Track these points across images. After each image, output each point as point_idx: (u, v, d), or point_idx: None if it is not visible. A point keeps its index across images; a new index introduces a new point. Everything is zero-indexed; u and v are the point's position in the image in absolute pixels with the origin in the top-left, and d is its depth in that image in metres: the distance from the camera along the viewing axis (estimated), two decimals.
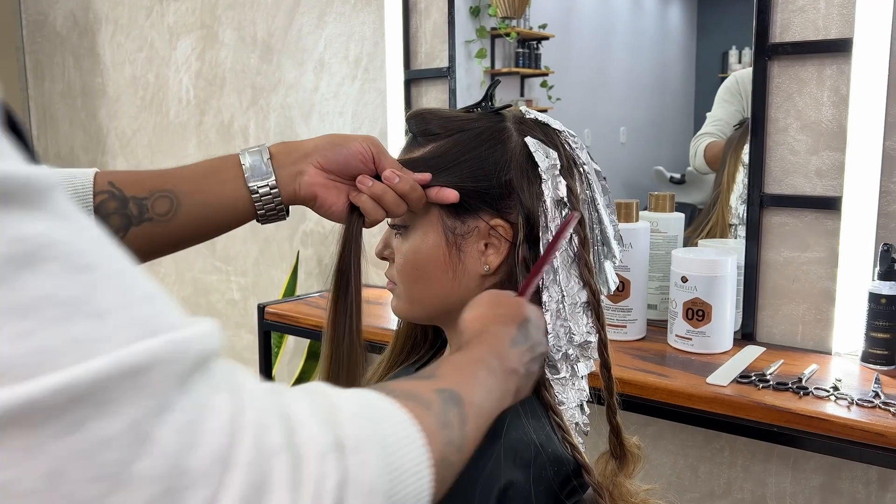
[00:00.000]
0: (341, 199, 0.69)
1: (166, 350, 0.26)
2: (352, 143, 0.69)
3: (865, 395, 0.99)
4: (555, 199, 0.69)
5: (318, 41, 1.86)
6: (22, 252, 0.24)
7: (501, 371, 0.54)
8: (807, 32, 1.18)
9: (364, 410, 0.36)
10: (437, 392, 0.45)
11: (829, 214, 1.19)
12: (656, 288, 1.35)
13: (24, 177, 0.25)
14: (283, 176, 0.68)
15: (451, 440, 0.42)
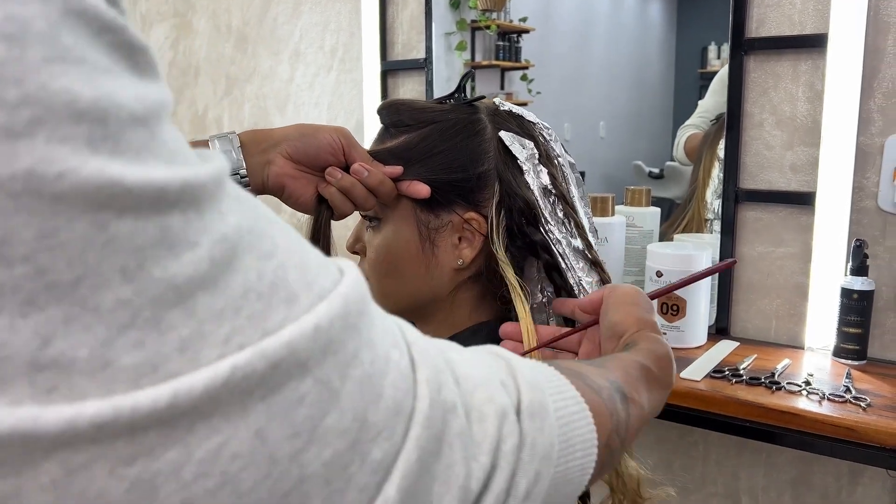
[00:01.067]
0: (310, 191, 0.68)
1: (336, 308, 0.27)
2: (322, 133, 0.68)
3: (837, 389, 1.00)
4: (541, 188, 0.68)
5: (294, 31, 1.83)
6: (225, 251, 0.24)
7: (658, 385, 0.53)
8: (782, 27, 1.18)
9: (540, 379, 0.37)
10: (609, 382, 0.45)
11: (804, 210, 1.20)
12: (632, 282, 1.34)
13: (212, 175, 0.25)
14: (252, 165, 0.67)
15: (616, 428, 0.43)
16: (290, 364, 0.25)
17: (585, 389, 0.40)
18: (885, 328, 1.15)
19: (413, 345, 0.31)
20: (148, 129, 0.23)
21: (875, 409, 0.94)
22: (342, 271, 0.30)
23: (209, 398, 0.23)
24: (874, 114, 1.13)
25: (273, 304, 0.25)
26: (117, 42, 0.23)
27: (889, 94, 1.11)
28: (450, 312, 0.72)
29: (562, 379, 0.39)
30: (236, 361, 0.23)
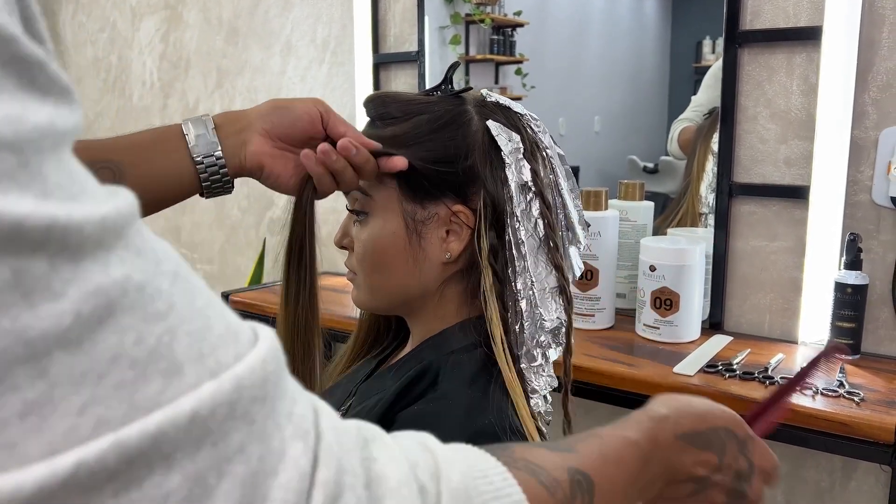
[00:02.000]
0: (289, 169, 0.66)
1: (225, 391, 0.23)
2: (297, 105, 0.66)
3: (830, 384, 0.99)
4: (519, 184, 0.67)
5: (286, 23, 1.81)
6: (97, 307, 0.21)
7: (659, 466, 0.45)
8: (777, 20, 1.17)
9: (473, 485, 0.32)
10: (570, 472, 0.39)
11: (798, 203, 1.19)
12: (625, 277, 1.34)
13: (101, 218, 0.22)
14: (228, 146, 0.64)
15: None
16: (153, 456, 0.21)
17: (538, 490, 0.35)
18: (878, 322, 1.15)
19: (324, 435, 0.27)
20: (17, 157, 0.20)
21: (868, 404, 0.94)
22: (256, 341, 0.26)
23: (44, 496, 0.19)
24: (868, 107, 1.12)
25: (148, 374, 0.22)
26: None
27: (883, 88, 1.11)
28: (438, 307, 0.71)
29: (507, 480, 0.34)
30: (84, 455, 0.20)
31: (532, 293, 0.67)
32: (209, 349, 0.24)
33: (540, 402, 0.69)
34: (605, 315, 1.26)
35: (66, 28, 2.37)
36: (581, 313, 1.25)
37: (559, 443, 0.43)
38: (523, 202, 0.67)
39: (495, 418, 0.63)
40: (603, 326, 1.27)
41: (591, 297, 1.25)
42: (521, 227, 0.67)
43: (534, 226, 0.68)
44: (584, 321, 1.25)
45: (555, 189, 0.71)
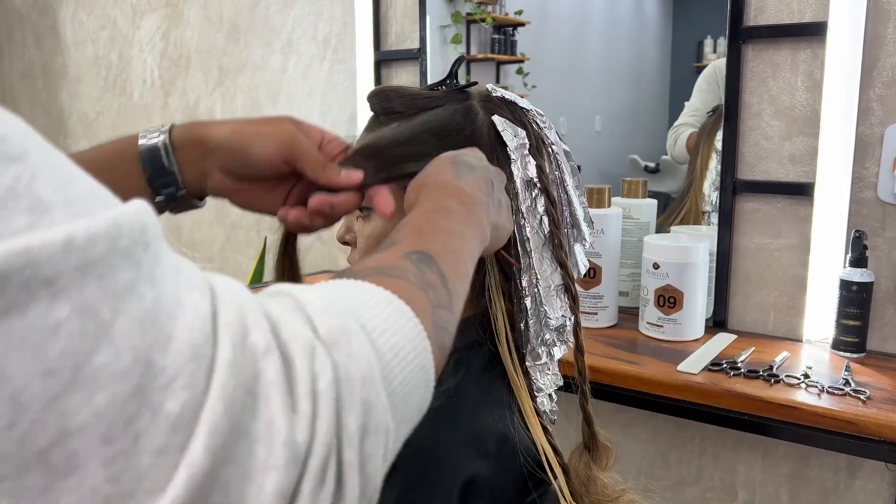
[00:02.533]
0: (259, 199, 0.58)
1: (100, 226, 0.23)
2: (255, 148, 0.55)
3: (836, 382, 0.99)
4: (525, 180, 0.67)
5: (286, 20, 1.81)
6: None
7: (460, 207, 0.49)
8: (781, 16, 1.17)
9: (334, 301, 0.33)
10: (406, 256, 0.41)
11: (802, 201, 1.18)
12: (628, 275, 1.33)
13: None
14: (187, 173, 0.56)
15: (438, 301, 0.39)
16: (30, 278, 0.20)
17: (391, 282, 0.36)
18: (884, 320, 1.14)
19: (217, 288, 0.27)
20: None
21: (874, 402, 0.93)
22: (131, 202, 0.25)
23: None
24: (874, 103, 1.11)
25: (10, 210, 0.21)
26: None
27: (889, 84, 1.10)
28: None
29: (362, 286, 0.35)
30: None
31: (537, 290, 0.67)
32: (77, 198, 0.23)
33: (545, 400, 0.69)
34: (608, 313, 1.26)
35: (67, 26, 2.37)
36: (584, 311, 1.24)
37: (381, 246, 0.44)
38: (529, 198, 0.67)
39: (499, 415, 0.63)
40: (606, 324, 1.26)
41: (595, 294, 1.24)
42: (526, 224, 0.66)
43: (539, 222, 0.67)
44: (587, 319, 1.24)
45: (560, 186, 0.71)
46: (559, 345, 0.69)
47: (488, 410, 0.63)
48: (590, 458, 0.69)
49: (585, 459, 0.69)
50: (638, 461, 1.38)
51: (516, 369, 0.66)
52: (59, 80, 2.43)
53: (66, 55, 2.39)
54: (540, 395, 0.68)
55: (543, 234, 0.67)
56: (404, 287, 0.37)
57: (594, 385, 0.71)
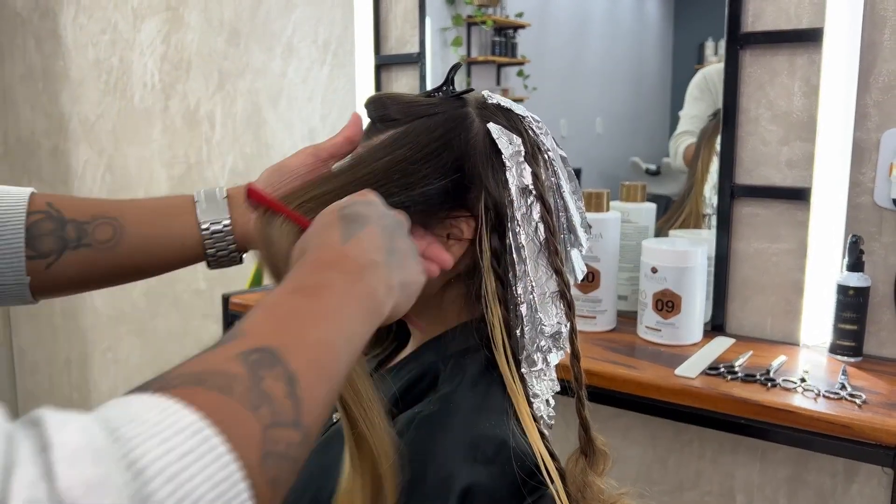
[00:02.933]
0: None
1: None
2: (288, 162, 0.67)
3: (832, 386, 0.99)
4: (520, 187, 0.67)
5: (287, 25, 1.81)
6: None
7: (342, 278, 0.42)
8: (779, 21, 1.17)
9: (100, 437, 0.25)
10: (242, 357, 0.33)
11: (799, 205, 1.19)
12: (626, 279, 1.33)
13: None
14: (238, 216, 0.64)
15: (276, 420, 0.31)
16: None
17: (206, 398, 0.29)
18: (880, 325, 1.14)
19: None
20: None
21: (871, 406, 0.93)
22: None
23: None
24: (870, 109, 1.12)
25: None
26: None
27: (885, 89, 1.11)
28: (439, 310, 0.70)
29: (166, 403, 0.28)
30: None
31: (532, 297, 0.67)
32: None
33: (542, 406, 0.69)
34: (606, 317, 1.26)
35: (67, 30, 2.38)
36: (582, 315, 1.25)
37: (227, 334, 0.37)
38: (524, 206, 0.67)
39: (496, 421, 0.63)
40: (604, 328, 1.26)
41: (593, 298, 1.25)
42: (521, 231, 0.67)
43: (534, 230, 0.68)
44: (585, 323, 1.25)
45: (556, 192, 0.71)
46: (555, 351, 0.70)
47: (485, 416, 0.63)
48: (586, 464, 0.70)
49: (582, 465, 0.70)
50: (636, 465, 1.38)
51: (513, 375, 0.66)
52: (59, 82, 2.44)
53: (67, 58, 2.40)
54: (536, 401, 0.68)
55: (539, 242, 0.68)
56: (223, 406, 0.30)
57: (592, 389, 0.71)
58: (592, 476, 0.69)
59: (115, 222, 0.63)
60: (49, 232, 0.63)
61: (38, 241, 0.63)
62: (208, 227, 0.64)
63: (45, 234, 0.63)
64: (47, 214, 0.63)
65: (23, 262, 0.63)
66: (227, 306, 1.56)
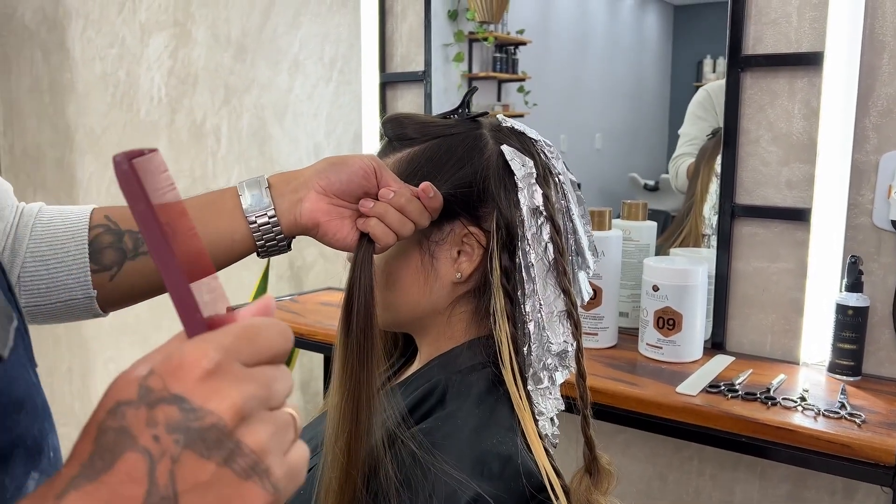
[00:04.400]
0: (346, 226, 0.66)
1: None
2: (352, 160, 0.67)
3: (832, 405, 1.00)
4: (531, 208, 0.69)
5: (293, 42, 1.84)
6: None
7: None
8: (779, 45, 1.19)
9: None
10: None
11: (799, 226, 1.20)
12: (628, 296, 1.35)
13: None
14: (282, 205, 0.66)
15: None
16: None
17: None
18: (879, 344, 1.16)
19: None
20: None
21: (870, 426, 0.94)
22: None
23: None
24: (869, 131, 1.14)
25: None
26: None
27: (884, 113, 1.13)
28: (447, 326, 0.72)
29: None
30: None
31: (540, 316, 0.69)
32: None
33: (547, 424, 0.70)
34: (608, 334, 1.27)
35: (76, 43, 2.40)
36: (584, 332, 1.26)
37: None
38: (534, 226, 0.69)
39: (503, 437, 0.64)
40: (606, 345, 1.28)
41: (595, 315, 1.26)
42: (531, 251, 0.68)
43: (544, 249, 0.69)
44: (587, 339, 1.26)
45: (566, 214, 0.73)
46: (561, 370, 0.71)
47: (492, 432, 0.65)
48: (590, 482, 0.71)
49: (586, 483, 0.71)
50: (636, 481, 1.39)
51: (520, 392, 0.67)
52: (66, 95, 2.46)
53: (74, 71, 2.42)
54: (541, 419, 0.69)
55: (548, 261, 0.69)
56: None
57: (594, 406, 0.72)
58: (597, 495, 0.70)
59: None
60: (109, 244, 0.65)
61: (100, 255, 0.65)
62: (255, 221, 0.65)
63: (106, 246, 0.65)
64: (106, 228, 0.66)
65: (89, 277, 0.65)
66: None
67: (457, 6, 1.63)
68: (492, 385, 0.68)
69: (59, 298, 0.65)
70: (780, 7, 1.19)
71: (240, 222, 0.65)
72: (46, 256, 0.65)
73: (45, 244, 0.65)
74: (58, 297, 0.65)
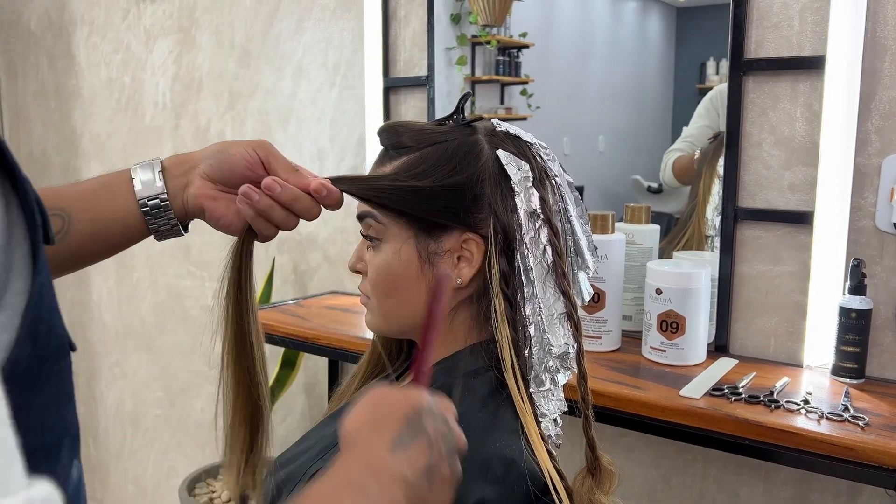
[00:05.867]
0: (230, 211, 0.67)
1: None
2: (235, 149, 0.67)
3: (835, 408, 1.00)
4: (528, 212, 0.69)
5: (297, 47, 1.85)
6: None
7: (377, 486, 0.45)
8: (781, 49, 1.20)
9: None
10: None
11: (802, 229, 1.21)
12: (631, 299, 1.35)
13: None
14: (172, 188, 0.66)
15: None
16: None
17: None
18: (882, 347, 1.16)
19: None
20: None
21: (873, 429, 0.95)
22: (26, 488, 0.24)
23: None
24: (871, 135, 1.14)
25: None
26: None
27: (886, 116, 1.13)
28: (450, 331, 0.72)
29: None
30: None
31: (540, 319, 0.69)
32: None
33: (550, 425, 0.71)
34: (611, 337, 1.28)
35: (81, 49, 2.42)
36: (588, 335, 1.26)
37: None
38: (532, 229, 0.69)
39: (506, 440, 0.65)
40: (609, 348, 1.28)
41: (598, 319, 1.26)
42: (529, 255, 0.69)
43: (542, 252, 0.70)
44: (590, 343, 1.26)
45: (563, 216, 0.73)
46: (563, 371, 0.72)
47: (495, 436, 0.65)
48: (593, 483, 0.71)
49: (589, 483, 0.71)
50: (640, 484, 1.39)
51: (522, 395, 0.68)
52: (71, 100, 2.48)
53: (80, 77, 2.43)
54: (544, 420, 0.70)
55: (546, 264, 0.70)
56: None
57: (598, 409, 0.73)
58: (599, 495, 0.71)
59: (63, 213, 0.64)
60: None
61: None
62: (146, 205, 0.65)
63: None
64: None
65: None
66: None
67: (459, 10, 1.64)
68: (495, 389, 0.69)
69: None
70: (782, 11, 1.19)
71: (132, 206, 0.65)
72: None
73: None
74: None
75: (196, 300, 2.20)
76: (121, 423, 2.50)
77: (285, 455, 0.77)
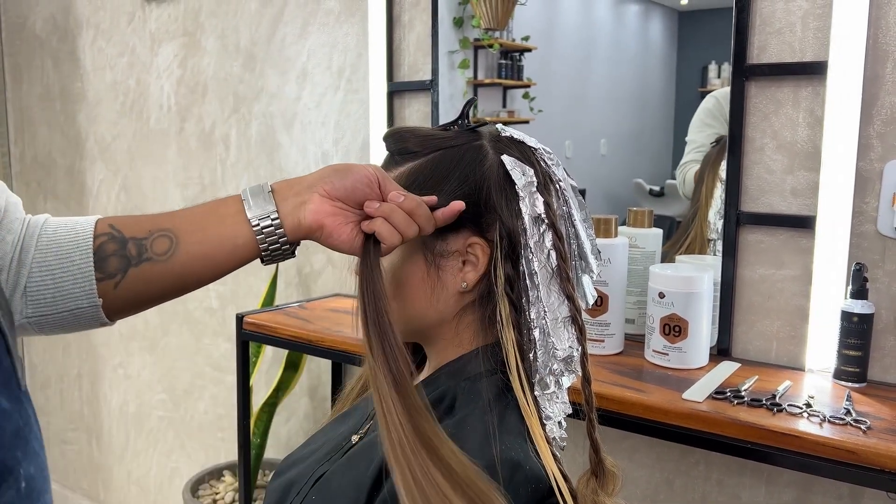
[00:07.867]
0: (349, 227, 0.68)
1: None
2: (357, 167, 0.68)
3: (837, 412, 1.01)
4: (533, 216, 0.70)
5: (302, 51, 1.86)
6: None
7: None
8: (783, 54, 1.21)
9: None
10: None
11: (804, 233, 1.21)
12: (634, 303, 1.36)
13: None
14: (285, 208, 0.67)
15: None
16: None
17: None
18: (884, 351, 1.16)
19: None
20: None
21: (875, 432, 0.95)
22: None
23: None
24: (873, 140, 1.15)
25: None
26: None
27: (888, 121, 1.13)
28: (455, 334, 0.73)
29: None
30: None
31: (545, 322, 0.70)
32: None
33: (554, 427, 0.71)
34: (614, 340, 1.28)
35: (86, 53, 2.43)
36: (591, 338, 1.27)
37: None
38: (536, 234, 0.70)
39: (512, 443, 0.66)
40: (612, 352, 1.29)
41: (602, 322, 1.27)
42: (534, 259, 0.70)
43: (546, 256, 0.70)
44: (593, 346, 1.27)
45: (568, 220, 0.74)
46: (567, 374, 0.72)
47: (501, 439, 0.66)
48: (596, 485, 0.72)
49: (592, 485, 0.72)
50: (643, 487, 1.40)
51: (527, 398, 0.68)
52: (76, 103, 2.49)
53: (85, 80, 2.45)
54: (549, 423, 0.71)
55: (551, 268, 0.71)
56: None
57: (601, 411, 0.74)
58: (603, 496, 0.71)
59: (170, 233, 0.66)
60: (113, 252, 0.66)
61: (105, 263, 0.66)
62: (258, 224, 0.66)
63: (110, 254, 0.66)
64: (110, 236, 0.67)
65: (94, 285, 0.66)
66: (242, 326, 1.59)
67: (462, 13, 1.65)
68: (501, 392, 0.70)
69: (66, 308, 0.66)
70: (784, 17, 1.20)
71: (242, 227, 0.66)
72: (52, 266, 0.66)
73: (51, 254, 0.66)
74: (64, 307, 0.66)
75: (200, 302, 2.21)
76: (124, 424, 2.51)
77: (292, 457, 0.78)
